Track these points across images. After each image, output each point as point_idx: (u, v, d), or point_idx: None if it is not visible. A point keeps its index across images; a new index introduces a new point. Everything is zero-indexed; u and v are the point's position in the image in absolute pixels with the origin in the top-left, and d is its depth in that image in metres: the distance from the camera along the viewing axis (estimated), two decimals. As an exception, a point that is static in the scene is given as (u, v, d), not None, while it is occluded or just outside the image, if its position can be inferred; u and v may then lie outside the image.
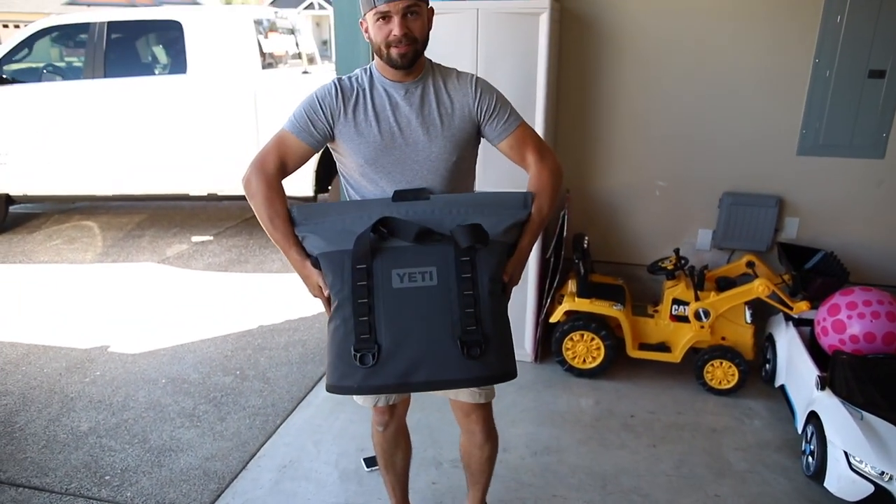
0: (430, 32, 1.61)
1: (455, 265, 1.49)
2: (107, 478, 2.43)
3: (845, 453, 2.17)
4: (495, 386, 1.77)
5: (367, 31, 1.59)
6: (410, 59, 1.56)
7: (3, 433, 2.71)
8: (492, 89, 1.67)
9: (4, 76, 5.05)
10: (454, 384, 1.56)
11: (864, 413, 2.24)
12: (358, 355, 1.46)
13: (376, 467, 2.35)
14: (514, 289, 1.65)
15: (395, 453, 1.98)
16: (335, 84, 1.63)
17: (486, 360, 1.47)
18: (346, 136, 1.62)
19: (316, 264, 1.58)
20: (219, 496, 2.33)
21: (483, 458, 1.89)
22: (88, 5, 20.39)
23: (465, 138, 1.66)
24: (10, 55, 5.08)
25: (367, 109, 1.62)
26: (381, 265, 1.50)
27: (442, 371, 1.47)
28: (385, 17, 1.52)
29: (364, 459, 2.48)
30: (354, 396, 1.86)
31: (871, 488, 2.11)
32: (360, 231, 1.51)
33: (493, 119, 1.65)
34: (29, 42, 5.11)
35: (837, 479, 2.19)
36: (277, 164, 1.61)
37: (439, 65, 1.69)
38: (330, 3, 3.09)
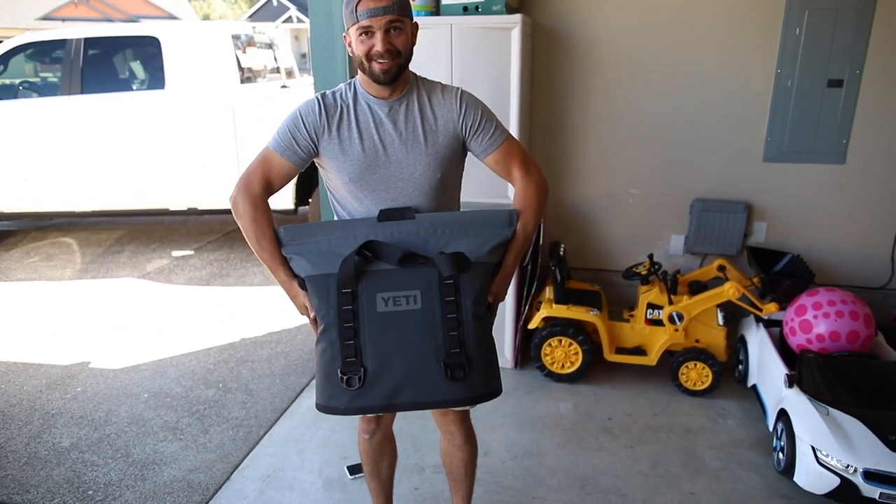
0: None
1: (439, 288, 1.51)
2: (90, 492, 2.43)
3: (812, 448, 2.24)
4: None
5: (350, 45, 1.57)
6: (393, 75, 1.54)
7: (-17, 451, 2.70)
8: (477, 103, 1.65)
9: (-21, 93, 5.03)
10: (439, 405, 1.60)
11: (830, 409, 2.32)
12: (344, 378, 1.50)
13: (360, 475, 2.39)
14: (495, 297, 1.68)
15: (380, 461, 1.99)
16: (318, 100, 1.61)
17: (470, 381, 1.51)
18: (331, 154, 1.62)
19: (303, 285, 1.59)
20: (203, 508, 2.35)
21: (463, 460, 1.91)
22: (63, 20, 20.23)
23: (449, 155, 1.64)
24: (-15, 72, 5.07)
25: (351, 126, 1.60)
26: (365, 289, 1.52)
27: (426, 393, 1.50)
28: (367, 32, 1.51)
29: (347, 467, 2.51)
30: None
31: (837, 481, 2.18)
32: (345, 253, 1.52)
33: (479, 134, 1.64)
34: (4, 59, 5.09)
35: (806, 473, 2.27)
36: (263, 184, 1.62)
37: (424, 79, 1.68)
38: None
